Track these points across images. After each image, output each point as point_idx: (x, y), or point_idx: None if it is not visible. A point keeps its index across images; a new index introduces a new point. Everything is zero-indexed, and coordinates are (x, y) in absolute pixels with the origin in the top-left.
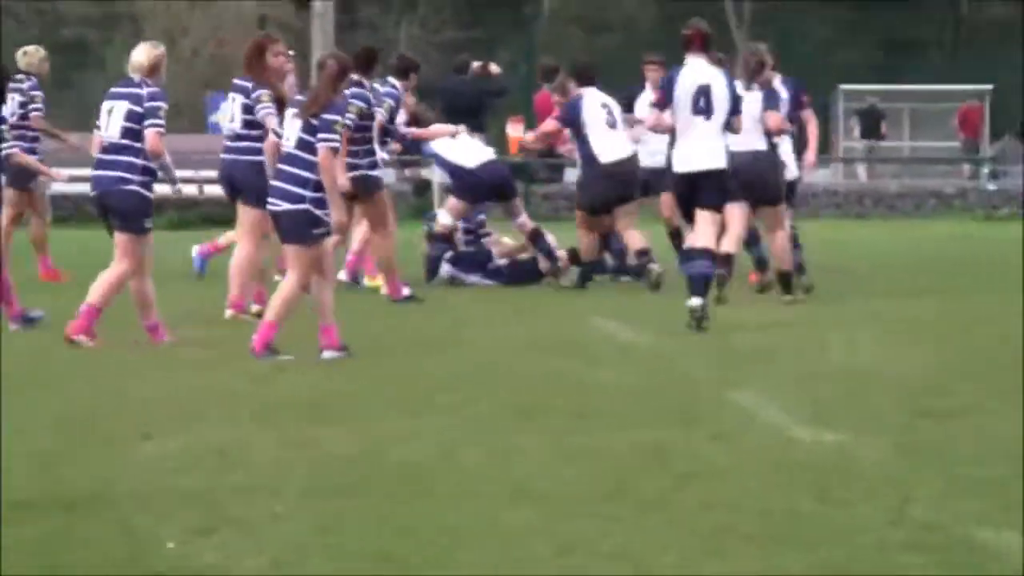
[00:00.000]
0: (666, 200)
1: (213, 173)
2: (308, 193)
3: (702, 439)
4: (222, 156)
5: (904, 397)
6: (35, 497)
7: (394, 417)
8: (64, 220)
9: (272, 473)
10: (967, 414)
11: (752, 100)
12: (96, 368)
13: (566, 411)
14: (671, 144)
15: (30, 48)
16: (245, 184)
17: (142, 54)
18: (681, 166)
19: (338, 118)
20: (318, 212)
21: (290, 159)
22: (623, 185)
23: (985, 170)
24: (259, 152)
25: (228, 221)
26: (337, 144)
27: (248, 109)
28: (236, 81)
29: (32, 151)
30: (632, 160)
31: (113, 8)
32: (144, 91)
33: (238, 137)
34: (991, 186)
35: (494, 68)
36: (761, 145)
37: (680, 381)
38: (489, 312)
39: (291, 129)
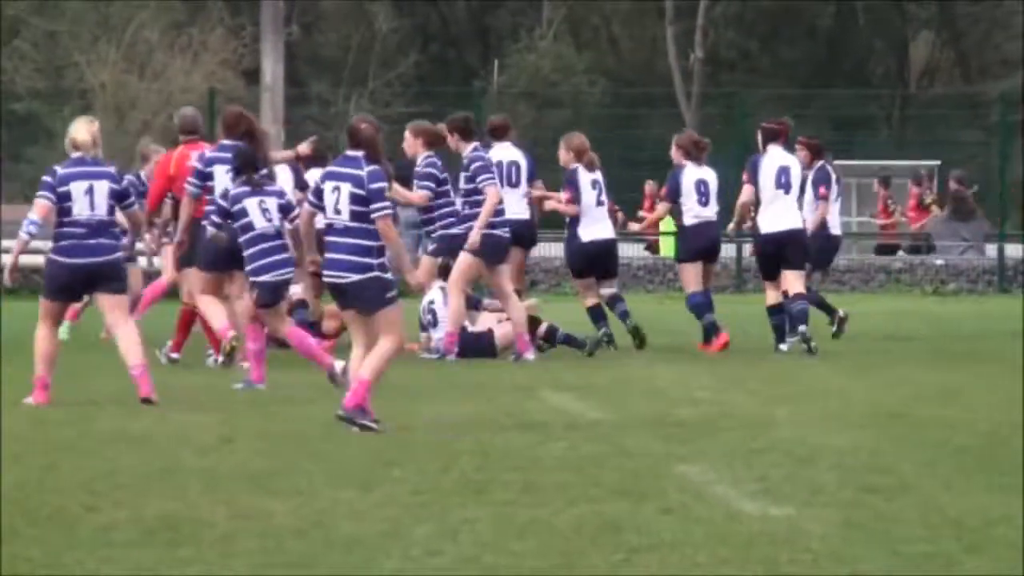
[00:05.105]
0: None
1: None
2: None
3: (652, 513)
4: None
5: (849, 473)
6: None
7: (343, 490)
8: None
9: (221, 546)
10: (911, 490)
11: None
12: (40, 442)
13: (515, 485)
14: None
15: None
16: None
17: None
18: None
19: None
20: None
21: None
22: None
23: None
24: None
25: None
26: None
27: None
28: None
29: None
30: None
31: (62, 81)
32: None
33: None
34: (939, 261)
35: None
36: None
37: (629, 455)
38: (440, 385)
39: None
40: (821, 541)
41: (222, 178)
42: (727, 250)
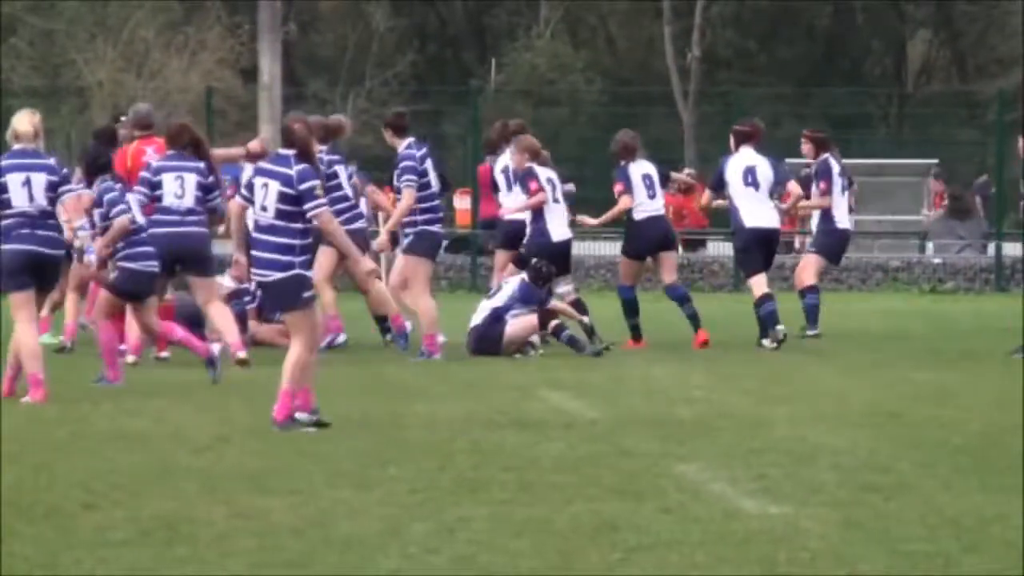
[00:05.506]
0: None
1: None
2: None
3: (650, 512)
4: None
5: (847, 472)
6: None
7: (341, 489)
8: None
9: (218, 545)
10: (909, 490)
11: None
12: (37, 441)
13: (512, 484)
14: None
15: None
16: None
17: None
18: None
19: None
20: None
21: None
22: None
23: (930, 244)
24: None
25: None
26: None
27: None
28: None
29: None
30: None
31: (59, 80)
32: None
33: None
34: (936, 260)
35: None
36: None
37: (626, 454)
38: (437, 384)
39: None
40: (819, 540)
41: (170, 185)
42: (725, 249)
